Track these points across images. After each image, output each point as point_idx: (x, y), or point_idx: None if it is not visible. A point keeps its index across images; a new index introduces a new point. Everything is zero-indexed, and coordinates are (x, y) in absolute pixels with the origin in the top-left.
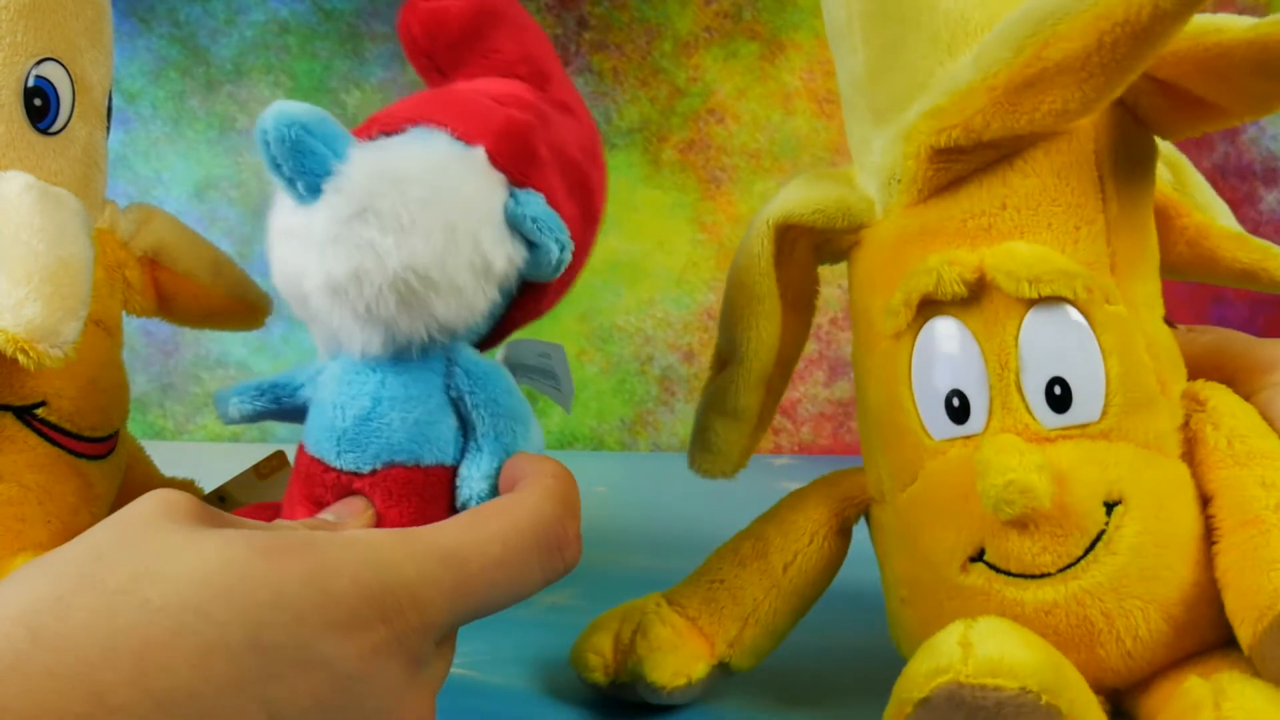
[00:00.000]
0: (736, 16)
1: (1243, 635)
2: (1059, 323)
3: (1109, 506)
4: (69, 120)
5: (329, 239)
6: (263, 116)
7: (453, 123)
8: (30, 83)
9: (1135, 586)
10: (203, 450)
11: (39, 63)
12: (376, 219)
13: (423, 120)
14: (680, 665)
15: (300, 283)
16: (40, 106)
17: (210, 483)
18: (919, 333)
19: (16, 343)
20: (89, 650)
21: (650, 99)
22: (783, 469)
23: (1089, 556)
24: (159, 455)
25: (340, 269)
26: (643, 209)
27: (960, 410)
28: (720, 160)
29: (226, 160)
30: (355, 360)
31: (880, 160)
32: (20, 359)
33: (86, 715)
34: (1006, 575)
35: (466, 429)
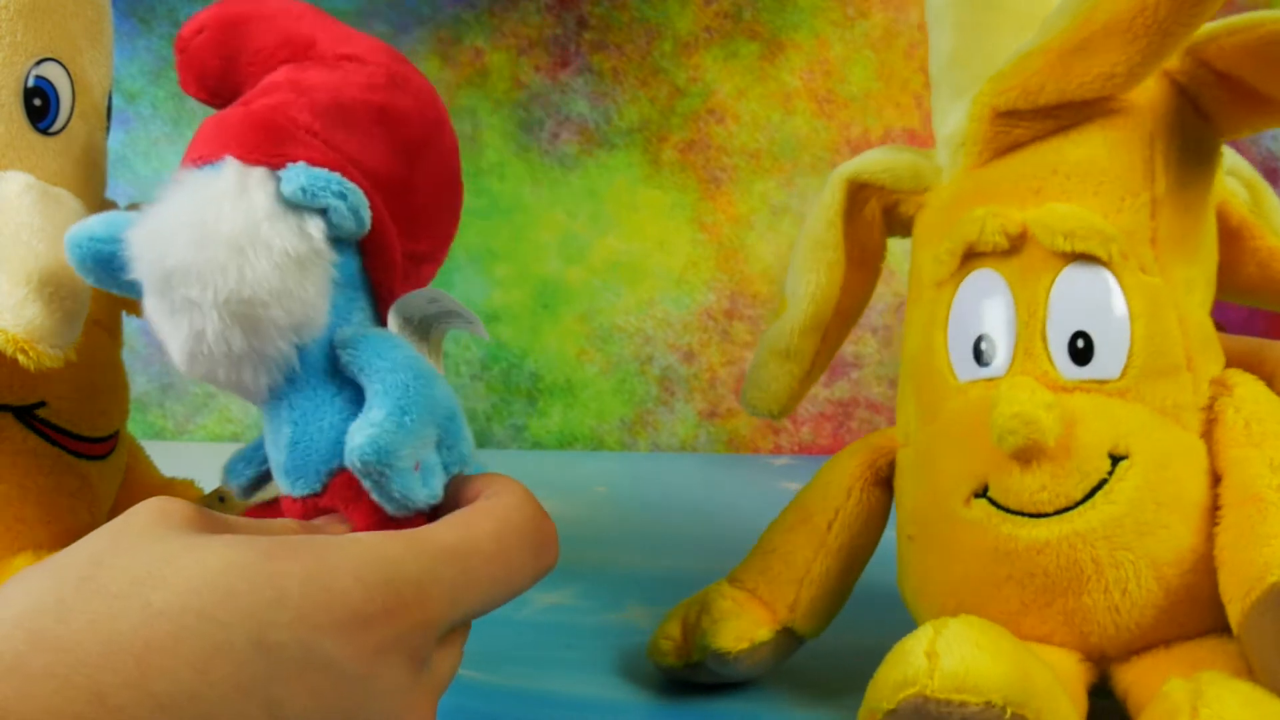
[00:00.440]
0: (736, 16)
1: (1233, 612)
2: (1091, 282)
3: (1115, 460)
4: (69, 120)
5: (162, 317)
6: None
7: (200, 153)
8: (30, 83)
9: (1129, 539)
10: (203, 450)
11: (39, 63)
12: (174, 279)
13: (180, 166)
14: (742, 630)
15: (178, 365)
16: (40, 106)
17: (210, 483)
18: (960, 282)
19: (16, 343)
20: (90, 652)
21: (650, 99)
22: (783, 469)
23: (1087, 503)
24: (159, 455)
25: (180, 337)
26: (643, 209)
27: (986, 354)
28: (720, 160)
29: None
30: (267, 397)
31: (951, 130)
32: (20, 359)
33: (87, 716)
34: (1004, 512)
35: None
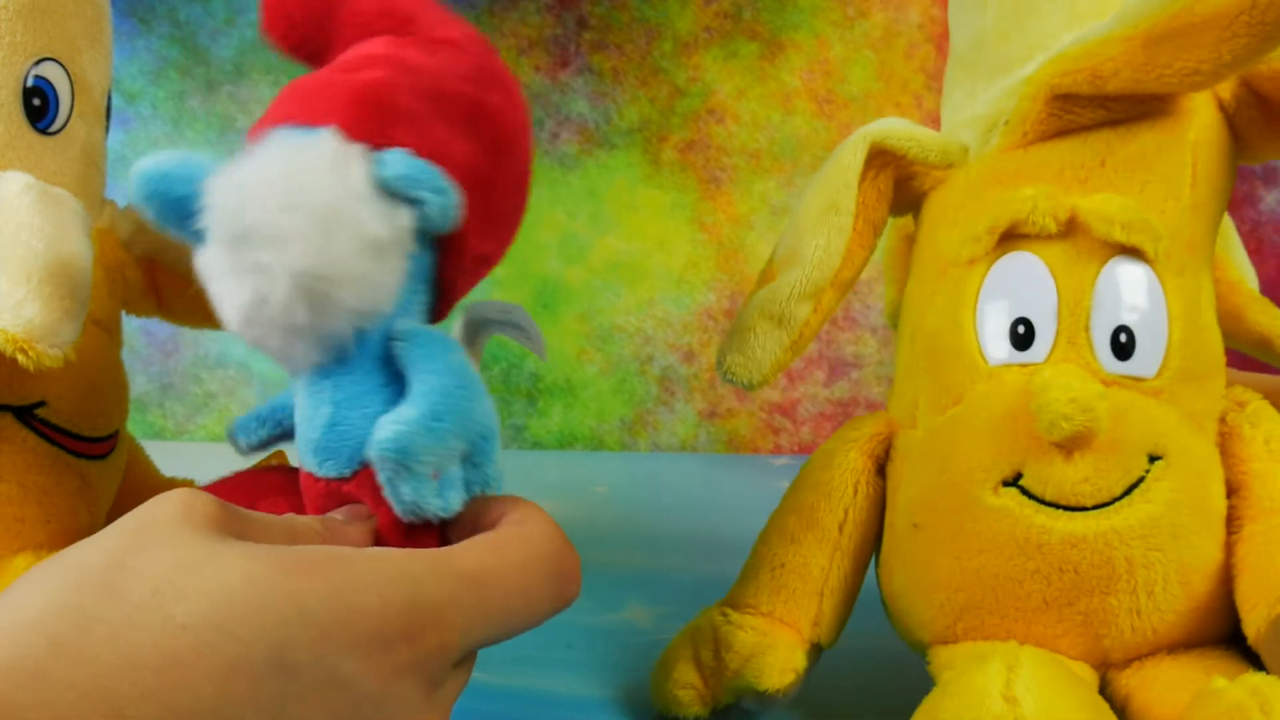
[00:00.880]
0: (736, 16)
1: (1253, 620)
2: (1136, 277)
3: (1151, 459)
4: (68, 120)
5: (223, 273)
6: (130, 179)
7: (297, 114)
8: (29, 82)
9: (1163, 540)
10: (203, 450)
11: (38, 63)
12: (250, 238)
13: (274, 122)
14: (783, 662)
15: (229, 323)
16: (39, 106)
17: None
18: (994, 262)
19: (16, 343)
20: (109, 664)
21: (650, 99)
22: (782, 469)
23: (1125, 499)
24: (159, 455)
25: (242, 299)
26: (643, 209)
27: (1024, 338)
28: (720, 160)
29: (226, 160)
30: (310, 371)
31: (984, 110)
32: (20, 359)
33: None
34: (1039, 503)
35: None
